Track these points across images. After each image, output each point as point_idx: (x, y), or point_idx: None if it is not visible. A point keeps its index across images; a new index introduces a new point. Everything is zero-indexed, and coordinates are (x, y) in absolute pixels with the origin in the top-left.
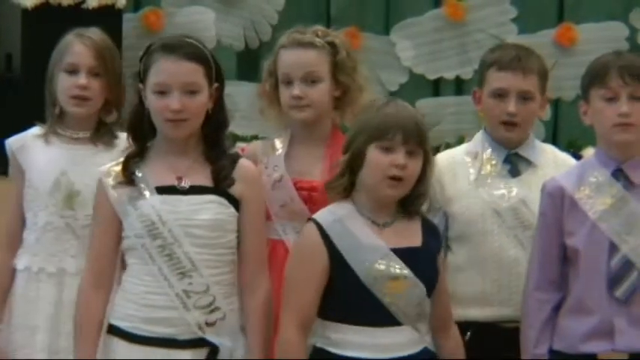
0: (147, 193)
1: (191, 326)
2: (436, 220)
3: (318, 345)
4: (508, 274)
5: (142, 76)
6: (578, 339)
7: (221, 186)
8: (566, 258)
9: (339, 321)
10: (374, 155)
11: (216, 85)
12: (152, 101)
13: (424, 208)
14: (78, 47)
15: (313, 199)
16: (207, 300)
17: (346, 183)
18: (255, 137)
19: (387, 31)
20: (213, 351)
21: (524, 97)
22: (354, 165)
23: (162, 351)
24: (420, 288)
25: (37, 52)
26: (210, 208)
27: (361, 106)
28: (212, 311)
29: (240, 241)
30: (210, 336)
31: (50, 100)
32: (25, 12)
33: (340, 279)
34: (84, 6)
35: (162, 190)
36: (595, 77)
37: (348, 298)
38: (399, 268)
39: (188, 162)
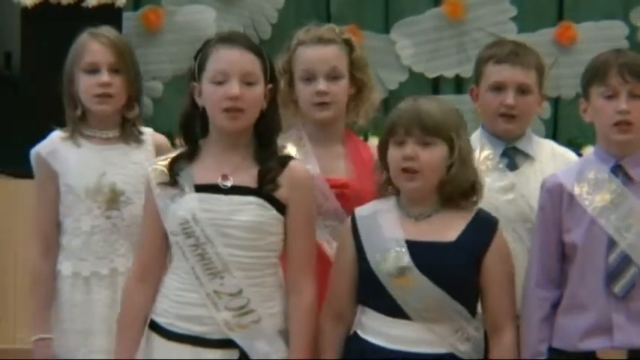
0: (186, 191)
1: (220, 326)
2: None
3: (355, 329)
4: None
5: (196, 73)
6: (576, 337)
7: (265, 188)
8: (564, 255)
9: (367, 306)
10: (390, 153)
11: (270, 85)
12: (209, 92)
13: None
14: (95, 46)
15: (345, 196)
16: (240, 302)
17: (388, 184)
18: None
19: (386, 29)
20: (245, 353)
21: (523, 90)
22: (384, 163)
23: (193, 349)
24: (430, 286)
25: (37, 50)
26: (250, 210)
27: (372, 104)
28: (245, 314)
29: (286, 245)
30: (241, 338)
31: (71, 103)
32: (25, 10)
33: (361, 269)
34: (83, 4)
35: (202, 189)
36: (595, 75)
37: (367, 285)
38: (403, 261)
39: (237, 160)
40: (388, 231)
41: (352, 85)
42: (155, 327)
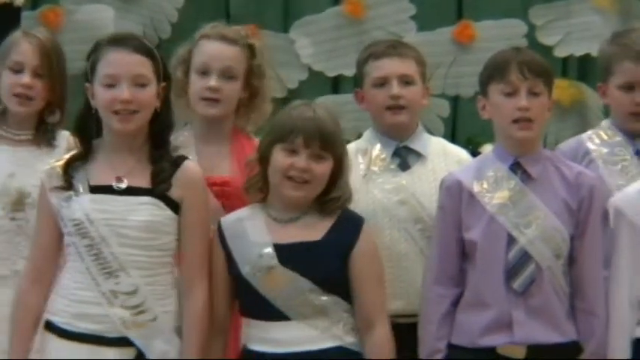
0: (81, 192)
1: (116, 325)
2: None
3: (244, 342)
4: (399, 268)
5: (89, 74)
6: (476, 333)
7: (158, 189)
8: (464, 253)
9: (248, 316)
10: (277, 156)
11: (163, 84)
12: (100, 94)
13: None
14: (24, 46)
15: (226, 194)
16: (136, 301)
17: (260, 182)
18: None
19: (286, 28)
20: (142, 353)
21: (405, 80)
22: (263, 165)
23: (90, 347)
24: (299, 281)
25: None
26: (145, 210)
27: (263, 114)
28: (141, 312)
29: (180, 244)
30: (139, 338)
31: None
32: None
33: (233, 278)
34: None
35: (97, 190)
36: (494, 72)
37: (242, 294)
38: (270, 262)
39: (131, 162)
40: (255, 236)
41: (246, 90)
42: (51, 327)
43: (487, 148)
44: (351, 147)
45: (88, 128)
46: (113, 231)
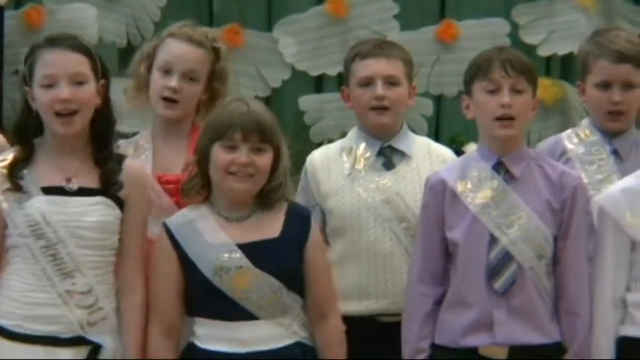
0: (33, 194)
1: (73, 325)
2: (313, 216)
3: (190, 340)
4: (384, 267)
5: (27, 77)
6: (459, 333)
7: (110, 189)
8: (448, 252)
9: (200, 316)
10: (217, 154)
11: (102, 81)
12: (40, 96)
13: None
14: None
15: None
16: (91, 300)
17: (200, 183)
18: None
19: (269, 28)
20: (95, 350)
21: (390, 81)
22: (202, 165)
23: (44, 349)
24: (270, 281)
25: None
26: (97, 210)
27: None
28: (95, 311)
29: (120, 242)
30: (93, 335)
31: None
32: None
33: (191, 280)
34: None
35: (49, 191)
36: (478, 70)
37: (202, 295)
38: (240, 262)
39: (77, 163)
40: (212, 237)
41: (207, 91)
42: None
43: (471, 147)
44: (336, 146)
45: (29, 131)
46: (70, 232)
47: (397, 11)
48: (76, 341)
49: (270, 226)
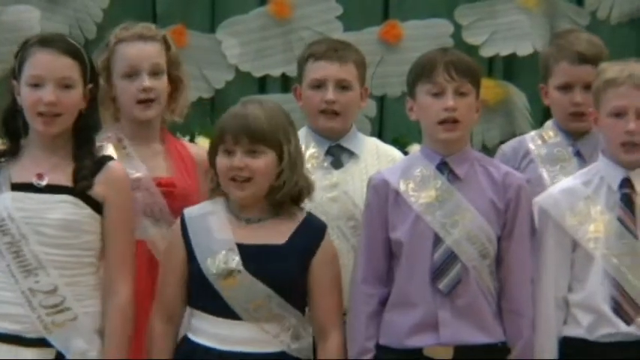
0: (3, 190)
1: (36, 324)
2: None
3: (186, 332)
4: None
5: (16, 72)
6: (403, 333)
7: (78, 187)
8: (392, 252)
9: (196, 308)
10: (219, 159)
11: (90, 85)
12: (25, 94)
13: None
14: None
15: (173, 195)
16: (55, 300)
17: (215, 183)
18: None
19: (212, 29)
20: (61, 353)
21: (342, 85)
22: (214, 169)
23: (9, 347)
24: (259, 286)
25: None
26: (62, 208)
27: (183, 102)
28: (60, 312)
29: (104, 244)
30: (57, 337)
31: None
32: None
33: (191, 270)
34: None
35: (18, 187)
36: (421, 72)
37: (197, 287)
38: (234, 263)
39: (54, 160)
40: (218, 233)
41: (169, 82)
42: None
43: (414, 148)
44: None
45: (16, 125)
46: (32, 229)
47: (341, 12)
48: (41, 342)
49: (278, 233)
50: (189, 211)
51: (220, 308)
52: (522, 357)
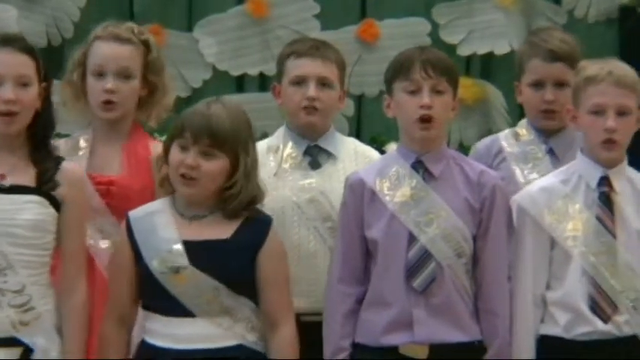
0: None
1: (5, 324)
2: None
3: (143, 336)
4: (307, 266)
5: None
6: (379, 332)
7: (44, 188)
8: (368, 251)
9: (149, 310)
10: (172, 152)
11: (44, 84)
12: None
13: None
14: None
15: (111, 194)
16: (23, 299)
17: (164, 175)
18: (58, 135)
19: (190, 28)
20: (26, 351)
21: (323, 83)
22: (168, 159)
23: None
24: (208, 281)
25: None
26: (31, 208)
27: (164, 108)
28: (27, 311)
29: (59, 243)
30: (24, 336)
31: None
32: None
33: (140, 270)
34: None
35: None
36: (399, 70)
37: (147, 288)
38: (179, 260)
39: (13, 160)
40: (163, 231)
41: (145, 86)
42: None
43: (392, 147)
44: (262, 144)
45: None
46: (3, 230)
47: (318, 11)
48: (8, 342)
49: (224, 228)
50: (134, 213)
51: (172, 307)
52: (499, 356)
